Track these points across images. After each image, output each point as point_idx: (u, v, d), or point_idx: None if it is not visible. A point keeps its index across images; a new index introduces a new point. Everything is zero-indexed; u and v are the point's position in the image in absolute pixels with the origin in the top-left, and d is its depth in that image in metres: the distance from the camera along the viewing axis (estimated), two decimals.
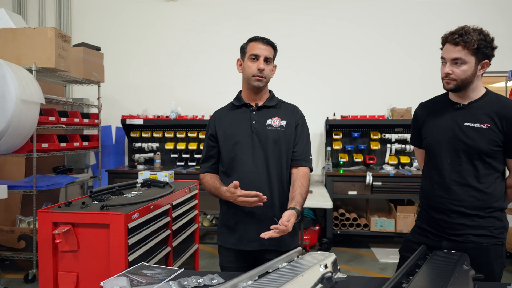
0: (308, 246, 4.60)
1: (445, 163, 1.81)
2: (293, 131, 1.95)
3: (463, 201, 1.76)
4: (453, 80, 1.76)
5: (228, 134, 1.92)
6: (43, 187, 3.67)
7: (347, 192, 4.57)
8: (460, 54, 1.71)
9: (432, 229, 1.85)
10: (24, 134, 3.45)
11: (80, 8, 5.70)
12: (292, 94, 5.38)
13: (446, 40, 1.76)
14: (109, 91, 5.38)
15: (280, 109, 1.99)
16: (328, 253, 1.66)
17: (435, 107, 1.92)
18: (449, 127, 1.81)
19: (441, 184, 1.82)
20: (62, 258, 2.10)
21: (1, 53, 3.65)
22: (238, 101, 1.99)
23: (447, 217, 1.79)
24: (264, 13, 5.40)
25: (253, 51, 1.92)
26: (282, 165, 1.91)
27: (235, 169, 1.90)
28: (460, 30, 1.72)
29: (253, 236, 1.85)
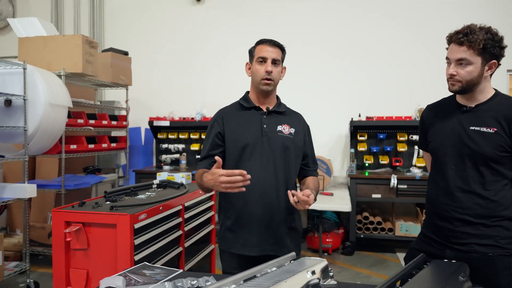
0: (330, 249, 4.54)
1: (450, 169, 1.73)
2: (301, 140, 1.95)
3: (467, 208, 1.68)
4: (458, 82, 1.68)
5: (236, 135, 1.88)
6: (70, 186, 3.85)
7: (371, 195, 4.46)
8: (465, 55, 1.63)
9: (436, 237, 1.77)
10: (53, 136, 3.64)
11: (112, 15, 5.92)
12: (315, 95, 5.37)
13: (451, 39, 1.69)
14: (139, 93, 5.56)
15: (288, 116, 1.98)
16: (320, 259, 1.63)
17: (442, 109, 1.84)
18: (455, 130, 1.73)
19: (445, 190, 1.74)
20: (73, 256, 2.20)
21: (34, 60, 3.86)
22: (247, 103, 1.95)
23: (451, 225, 1.71)
24: (288, 14, 5.37)
25: (260, 54, 1.91)
26: (290, 171, 1.90)
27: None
28: (465, 29, 1.64)
29: (257, 242, 1.84)
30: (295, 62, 5.41)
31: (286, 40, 5.70)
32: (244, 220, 1.85)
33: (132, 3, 5.85)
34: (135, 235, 2.16)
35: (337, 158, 5.28)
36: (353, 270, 4.05)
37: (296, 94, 5.36)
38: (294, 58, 5.44)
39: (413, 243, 1.91)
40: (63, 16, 6.04)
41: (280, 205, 1.85)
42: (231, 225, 1.89)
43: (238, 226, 1.86)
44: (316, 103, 5.31)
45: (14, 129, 3.37)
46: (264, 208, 1.83)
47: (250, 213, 1.83)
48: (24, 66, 3.38)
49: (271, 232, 1.85)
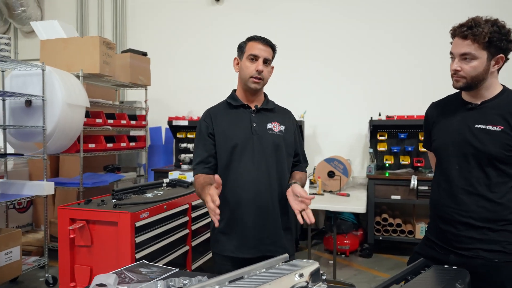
0: (348, 251, 4.44)
1: (453, 169, 1.64)
2: (292, 136, 1.91)
3: (472, 211, 1.58)
4: (462, 78, 1.59)
5: (226, 135, 1.82)
6: (88, 184, 3.95)
7: (390, 196, 4.32)
8: (469, 49, 1.54)
9: (440, 242, 1.69)
10: (71, 135, 3.74)
11: (133, 17, 6.03)
12: (335, 93, 5.27)
13: (455, 33, 1.59)
14: (160, 93, 5.64)
15: (276, 113, 1.92)
16: (312, 261, 1.58)
17: (446, 107, 1.75)
18: (459, 129, 1.64)
19: (448, 191, 1.65)
20: (78, 252, 2.25)
21: (55, 61, 3.98)
22: (234, 101, 1.88)
23: (454, 228, 1.62)
24: (307, 13, 5.30)
25: (252, 51, 1.82)
26: (283, 170, 1.85)
27: (234, 171, 1.80)
28: (469, 22, 1.55)
29: (252, 243, 1.80)
30: (316, 61, 5.34)
31: (306, 39, 5.68)
32: (237, 222, 1.80)
33: (153, 5, 5.93)
34: (137, 233, 2.17)
35: (357, 158, 5.16)
36: (370, 273, 3.94)
37: (317, 93, 5.28)
38: (314, 57, 5.38)
39: (417, 247, 1.83)
40: (87, 19, 6.21)
41: (274, 205, 1.81)
42: (223, 228, 1.82)
43: (231, 228, 1.81)
44: (335, 102, 5.21)
45: (34, 129, 3.49)
46: (257, 208, 1.79)
47: (244, 214, 1.79)
48: (42, 68, 3.48)
49: (266, 233, 1.80)
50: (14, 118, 3.64)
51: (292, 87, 5.37)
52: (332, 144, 5.23)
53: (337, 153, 5.06)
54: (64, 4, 6.31)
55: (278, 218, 1.83)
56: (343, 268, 4.09)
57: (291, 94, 5.36)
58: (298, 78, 5.35)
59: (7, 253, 3.03)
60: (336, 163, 4.29)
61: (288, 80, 5.38)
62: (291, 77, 5.38)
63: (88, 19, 6.21)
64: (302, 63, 5.34)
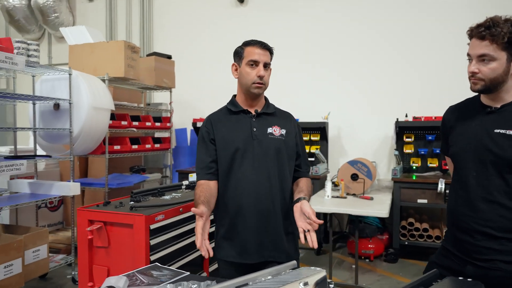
0: (372, 255, 4.34)
1: (470, 176, 1.56)
2: (293, 140, 1.89)
3: (490, 220, 1.50)
4: (481, 80, 1.51)
5: (226, 141, 1.82)
6: (113, 185, 4.05)
7: (416, 200, 4.18)
8: (487, 50, 1.46)
9: (456, 251, 1.61)
10: (96, 137, 3.85)
11: (159, 21, 6.15)
12: (358, 93, 5.16)
13: (472, 34, 1.52)
14: (185, 95, 5.72)
15: (277, 117, 1.91)
16: (320, 269, 1.55)
17: (464, 111, 1.67)
18: (477, 134, 1.56)
19: (465, 199, 1.58)
20: (96, 253, 2.30)
21: (82, 65, 4.11)
22: (234, 107, 1.88)
23: (471, 238, 1.54)
24: (333, 12, 5.22)
25: (251, 57, 1.82)
26: (284, 174, 1.84)
27: (235, 176, 1.79)
28: (487, 22, 1.47)
29: (254, 248, 1.78)
30: (340, 61, 5.26)
31: (330, 40, 5.59)
32: (239, 228, 1.79)
33: (178, 8, 6.02)
34: (152, 235, 2.20)
35: (383, 160, 5.03)
36: (394, 279, 3.84)
37: (341, 93, 5.20)
38: (339, 57, 5.29)
39: (433, 256, 1.76)
40: (116, 24, 6.38)
41: (276, 210, 1.79)
42: (225, 233, 1.83)
43: (233, 233, 1.81)
44: (361, 103, 5.11)
45: (61, 131, 3.62)
46: (259, 213, 1.78)
47: (245, 219, 1.77)
48: (69, 72, 3.60)
49: (268, 238, 1.78)
50: (43, 121, 3.78)
51: (316, 87, 5.31)
52: (357, 145, 5.13)
53: (362, 155, 4.96)
54: (94, 10, 6.51)
55: (280, 223, 1.80)
56: (366, 273, 4.00)
57: (315, 94, 5.31)
58: (322, 79, 5.28)
59: (35, 251, 3.15)
60: (360, 165, 4.20)
61: (312, 80, 5.33)
62: (314, 77, 5.32)
63: (116, 24, 6.38)
64: (326, 63, 5.27)
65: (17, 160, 3.07)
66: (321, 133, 5.04)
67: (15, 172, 3.06)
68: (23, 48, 3.32)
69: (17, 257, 2.94)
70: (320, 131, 5.04)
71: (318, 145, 5.07)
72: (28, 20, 6.56)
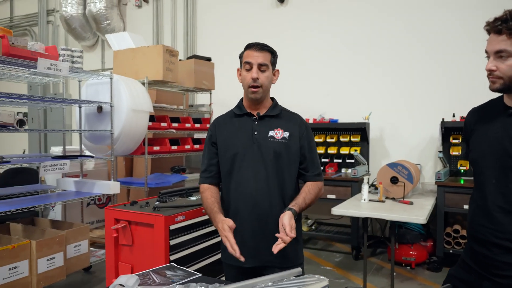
0: (413, 263, 4.13)
1: (489, 183, 1.44)
2: (297, 143, 1.83)
3: (509, 233, 1.37)
4: (499, 78, 1.39)
5: (227, 144, 1.83)
6: (152, 185, 4.20)
7: (462, 206, 3.91)
8: (504, 45, 1.34)
9: (474, 265, 1.49)
10: (136, 138, 4.02)
11: (202, 24, 6.29)
12: (402, 93, 4.93)
13: (489, 28, 1.40)
14: (225, 96, 5.78)
15: (282, 119, 1.86)
16: (323, 278, 1.51)
17: (486, 113, 1.54)
18: (498, 138, 1.43)
19: (482, 209, 1.45)
20: (121, 251, 2.40)
21: (125, 69, 4.31)
22: (239, 110, 1.88)
23: (489, 251, 1.42)
24: (375, 11, 5.04)
25: (246, 59, 1.81)
26: (284, 179, 1.80)
27: (234, 180, 1.80)
28: (504, 15, 1.35)
29: (250, 252, 1.76)
30: (382, 60, 5.05)
31: (371, 39, 5.40)
32: (236, 231, 1.75)
33: (219, 12, 6.12)
34: (171, 236, 2.26)
35: (428, 163, 4.77)
36: None
37: (383, 93, 5.01)
38: (380, 57, 5.08)
39: (452, 268, 1.64)
40: (162, 29, 6.62)
41: (274, 215, 1.74)
42: None
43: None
44: (404, 103, 4.89)
45: (103, 132, 3.82)
46: (256, 218, 1.76)
47: (243, 223, 1.76)
48: (110, 76, 3.79)
49: (265, 242, 1.75)
50: (88, 123, 4.02)
51: (356, 87, 5.15)
52: (401, 147, 4.91)
53: (406, 157, 4.74)
54: (143, 16, 6.80)
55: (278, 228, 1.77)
56: (405, 281, 3.81)
57: (356, 94, 5.16)
58: (363, 78, 5.12)
59: (76, 246, 3.35)
60: (400, 168, 4.01)
61: (353, 80, 5.18)
62: (355, 77, 5.17)
63: (163, 29, 6.62)
64: (367, 63, 5.10)
65: (61, 160, 3.29)
66: (361, 134, 4.88)
67: (59, 171, 3.28)
68: (68, 55, 3.56)
69: (59, 251, 3.15)
70: (361, 132, 4.88)
71: (358, 147, 4.91)
72: (83, 28, 7.00)
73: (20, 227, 3.45)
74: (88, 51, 7.41)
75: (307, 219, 4.98)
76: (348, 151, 4.89)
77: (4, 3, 8.31)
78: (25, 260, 2.94)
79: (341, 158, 5.01)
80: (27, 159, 3.45)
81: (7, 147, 7.50)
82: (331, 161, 5.08)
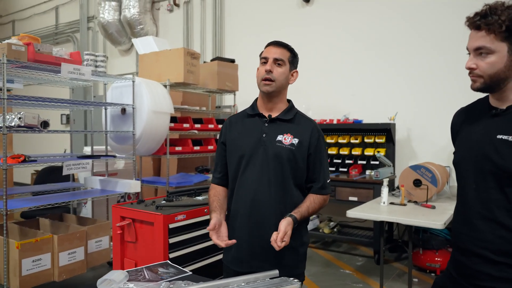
0: (439, 269, 3.95)
1: (470, 188, 1.36)
2: (305, 151, 1.75)
3: (488, 241, 1.29)
4: (479, 77, 1.31)
5: (236, 145, 1.80)
6: (173, 184, 4.31)
7: None
8: (483, 42, 1.27)
9: (456, 274, 1.42)
10: (157, 139, 4.14)
11: (230, 26, 6.37)
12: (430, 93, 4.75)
13: (468, 24, 1.32)
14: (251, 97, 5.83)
15: (294, 124, 1.78)
16: (297, 281, 1.49)
17: (471, 113, 1.47)
18: (479, 140, 1.35)
19: (463, 216, 1.38)
20: (126, 247, 2.50)
21: (149, 72, 4.46)
22: (252, 110, 1.84)
23: (469, 260, 1.35)
24: (399, 12, 4.87)
25: (263, 55, 1.79)
26: (286, 186, 1.73)
27: (239, 181, 1.77)
28: (483, 10, 1.27)
29: (245, 257, 1.76)
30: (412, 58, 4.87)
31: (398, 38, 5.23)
32: (234, 234, 1.76)
33: (246, 14, 6.17)
34: (170, 234, 2.32)
35: None
36: None
37: (411, 93, 4.83)
38: (408, 55, 4.90)
39: (437, 277, 1.56)
40: (192, 31, 6.78)
41: (271, 221, 1.69)
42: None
43: (230, 239, 1.77)
44: (433, 102, 4.69)
45: (126, 133, 3.98)
46: (254, 222, 1.73)
47: (241, 227, 1.75)
48: (133, 79, 3.94)
49: (259, 248, 1.72)
50: (113, 124, 4.20)
51: (382, 87, 5.01)
52: (430, 149, 4.71)
53: (434, 159, 4.54)
54: (174, 20, 7.00)
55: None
56: None
57: (382, 95, 5.01)
58: (390, 78, 4.96)
59: (97, 241, 3.51)
60: (424, 170, 3.85)
61: (379, 80, 5.04)
62: (381, 77, 5.02)
63: (192, 32, 6.78)
64: (394, 62, 4.94)
65: (84, 160, 3.47)
66: (386, 135, 4.74)
67: (81, 170, 3.45)
68: (91, 60, 3.74)
69: (80, 245, 3.32)
70: (386, 133, 4.73)
71: (383, 148, 4.77)
72: (119, 33, 7.31)
73: (48, 222, 3.67)
74: (124, 55, 7.73)
75: (330, 221, 4.90)
76: (373, 152, 4.76)
77: (51, 12, 8.86)
78: (48, 253, 3.13)
79: (365, 160, 4.89)
80: (52, 159, 3.66)
81: (52, 146, 7.99)
82: (355, 162, 4.97)
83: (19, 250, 2.90)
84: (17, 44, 3.02)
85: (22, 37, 3.26)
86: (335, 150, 5.04)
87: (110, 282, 1.74)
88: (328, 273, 4.02)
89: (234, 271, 1.78)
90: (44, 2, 8.90)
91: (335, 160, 5.07)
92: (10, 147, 4.71)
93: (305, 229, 1.84)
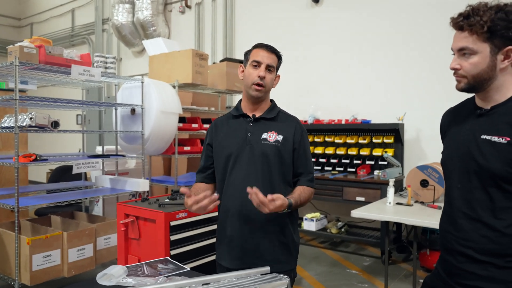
0: None
1: (455, 188, 1.37)
2: (291, 147, 1.81)
3: (472, 241, 1.30)
4: (463, 77, 1.32)
5: (222, 146, 1.84)
6: (181, 183, 4.39)
7: None
8: (466, 42, 1.28)
9: (443, 273, 1.43)
10: (166, 139, 4.22)
11: (240, 28, 6.43)
12: (440, 92, 4.71)
13: (452, 25, 1.34)
14: None
15: (278, 122, 1.84)
16: (286, 278, 1.52)
17: (459, 113, 1.47)
18: (464, 140, 1.37)
19: (448, 215, 1.39)
20: (130, 244, 2.57)
21: (159, 73, 4.55)
22: (236, 111, 1.88)
23: (454, 259, 1.36)
24: (408, 11, 4.84)
25: (255, 58, 1.81)
26: (274, 182, 1.78)
27: (227, 181, 1.81)
28: (466, 11, 1.28)
29: (237, 254, 1.79)
30: (422, 59, 4.84)
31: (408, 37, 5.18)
32: (226, 232, 1.80)
33: (256, 15, 6.21)
34: (172, 232, 2.37)
35: None
36: None
37: (420, 92, 4.80)
38: (418, 54, 4.87)
39: (427, 276, 1.57)
40: (203, 33, 6.86)
41: (261, 217, 1.73)
42: (218, 236, 1.88)
43: (221, 237, 1.84)
44: (443, 102, 4.63)
45: (135, 133, 4.06)
46: (244, 219, 1.76)
47: (232, 224, 1.79)
48: (142, 80, 4.03)
49: (251, 245, 1.77)
50: (123, 124, 4.29)
51: (391, 87, 4.98)
52: (438, 149, 4.50)
53: (436, 159, 4.49)
54: (186, 22, 7.09)
55: (266, 231, 1.77)
56: None
57: (390, 95, 4.98)
58: (399, 78, 4.93)
59: (106, 239, 3.61)
60: (430, 171, 3.82)
61: (387, 80, 5.02)
62: (390, 77, 5.00)
63: (204, 33, 6.86)
64: (402, 62, 4.91)
65: (93, 159, 3.56)
66: (395, 135, 4.71)
67: (90, 169, 3.54)
68: (101, 61, 3.83)
69: (89, 242, 3.41)
70: (394, 133, 4.71)
71: (392, 148, 4.75)
72: (133, 35, 7.44)
73: (59, 219, 3.78)
74: (137, 57, 7.87)
75: (337, 221, 4.90)
76: (381, 152, 4.74)
77: (67, 14, 9.07)
78: (57, 250, 3.23)
79: (373, 160, 4.87)
80: (63, 158, 3.77)
81: (68, 146, 8.19)
82: (363, 163, 4.96)
83: (30, 246, 3.01)
84: (29, 47, 3.13)
85: (34, 39, 3.37)
86: (344, 150, 5.03)
87: (109, 277, 1.80)
88: (334, 273, 4.03)
89: (226, 268, 1.82)
90: (61, 5, 9.12)
91: (343, 160, 5.06)
92: (26, 146, 4.86)
93: (295, 226, 1.88)
